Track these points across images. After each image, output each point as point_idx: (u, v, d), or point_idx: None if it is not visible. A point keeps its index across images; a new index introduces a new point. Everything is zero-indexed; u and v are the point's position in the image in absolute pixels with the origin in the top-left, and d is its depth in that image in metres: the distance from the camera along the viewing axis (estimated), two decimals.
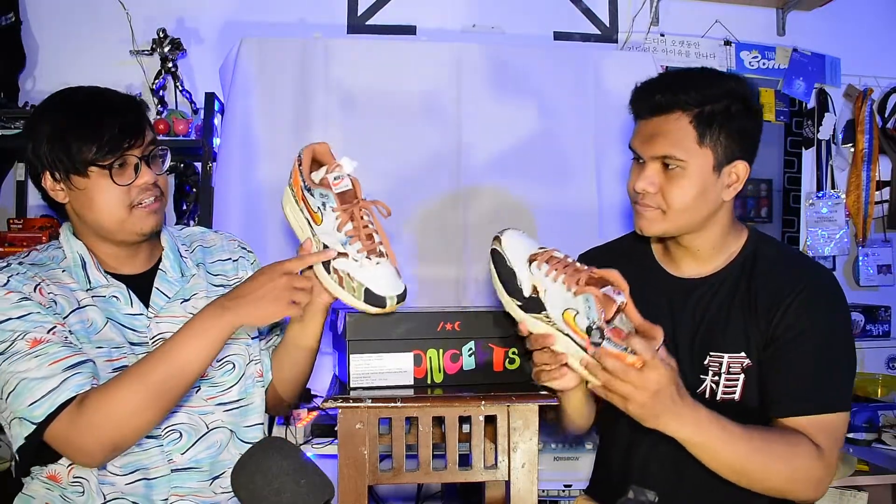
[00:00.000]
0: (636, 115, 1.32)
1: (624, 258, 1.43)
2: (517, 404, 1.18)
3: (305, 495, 1.03)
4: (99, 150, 1.21)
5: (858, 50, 2.80)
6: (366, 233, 1.20)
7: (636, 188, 1.29)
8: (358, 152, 2.28)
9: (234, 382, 1.35)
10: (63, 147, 1.22)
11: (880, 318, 2.72)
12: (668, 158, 1.25)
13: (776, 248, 1.37)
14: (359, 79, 2.34)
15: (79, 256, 1.29)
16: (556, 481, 2.10)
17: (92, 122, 1.22)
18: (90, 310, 1.25)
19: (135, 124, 1.25)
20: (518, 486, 1.19)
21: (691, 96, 1.24)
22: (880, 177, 2.78)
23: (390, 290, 1.19)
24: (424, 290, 2.33)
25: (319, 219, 1.23)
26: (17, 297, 1.19)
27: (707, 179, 1.26)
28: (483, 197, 2.37)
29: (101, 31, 2.45)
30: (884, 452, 1.96)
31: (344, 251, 1.19)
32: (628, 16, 2.66)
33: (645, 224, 1.31)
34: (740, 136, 1.26)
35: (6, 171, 2.43)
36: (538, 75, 2.41)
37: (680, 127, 1.24)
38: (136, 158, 1.25)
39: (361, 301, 1.18)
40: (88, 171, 1.22)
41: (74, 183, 1.24)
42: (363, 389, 1.20)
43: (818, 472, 1.20)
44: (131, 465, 1.24)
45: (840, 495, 2.14)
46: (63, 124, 1.23)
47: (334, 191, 1.22)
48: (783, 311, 1.26)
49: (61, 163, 1.23)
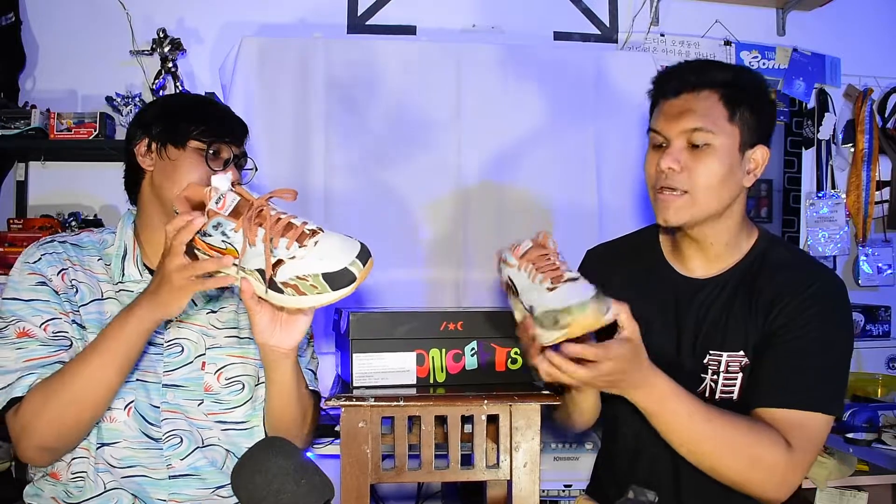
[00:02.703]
0: (661, 95, 1.32)
1: (632, 255, 1.43)
2: (519, 404, 1.19)
3: (305, 495, 1.03)
4: (205, 130, 1.30)
5: (858, 50, 2.80)
6: (282, 224, 1.03)
7: (661, 166, 1.26)
8: (358, 152, 2.32)
9: (240, 403, 1.33)
10: (172, 119, 1.31)
11: (880, 318, 2.72)
12: (698, 131, 1.24)
13: (786, 250, 1.36)
14: (359, 79, 2.34)
15: (123, 246, 1.33)
16: (557, 481, 2.10)
17: (203, 108, 1.36)
18: (111, 303, 1.29)
19: (238, 127, 1.37)
20: (520, 486, 1.19)
21: (720, 76, 1.27)
22: (880, 177, 2.78)
23: (346, 257, 1.01)
24: (425, 291, 2.33)
25: (234, 251, 1.05)
26: (35, 280, 1.25)
27: (733, 159, 1.26)
28: (483, 197, 2.37)
29: (101, 31, 2.44)
30: (884, 452, 1.96)
31: (276, 259, 1.02)
32: (628, 16, 2.66)
33: (671, 213, 1.27)
34: (764, 119, 1.29)
35: (6, 171, 2.43)
36: (538, 75, 2.41)
37: (711, 104, 1.26)
38: (230, 154, 1.34)
39: (330, 290, 1.01)
40: (187, 144, 1.30)
41: (168, 152, 1.30)
42: (366, 388, 1.20)
43: (781, 468, 1.17)
44: (129, 460, 1.26)
45: (840, 495, 2.14)
46: (177, 106, 1.38)
47: (224, 214, 1.05)
48: (781, 308, 1.25)
49: (165, 131, 1.31)
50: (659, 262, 1.40)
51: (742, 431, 1.18)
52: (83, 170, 2.41)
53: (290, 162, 2.31)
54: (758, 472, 1.17)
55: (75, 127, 2.24)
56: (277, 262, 1.01)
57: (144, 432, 1.26)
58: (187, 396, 1.30)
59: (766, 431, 1.18)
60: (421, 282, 2.35)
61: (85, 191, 2.42)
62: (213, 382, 1.31)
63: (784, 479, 1.18)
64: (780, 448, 1.17)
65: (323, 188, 2.30)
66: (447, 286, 2.35)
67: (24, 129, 2.23)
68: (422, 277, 2.35)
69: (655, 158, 1.29)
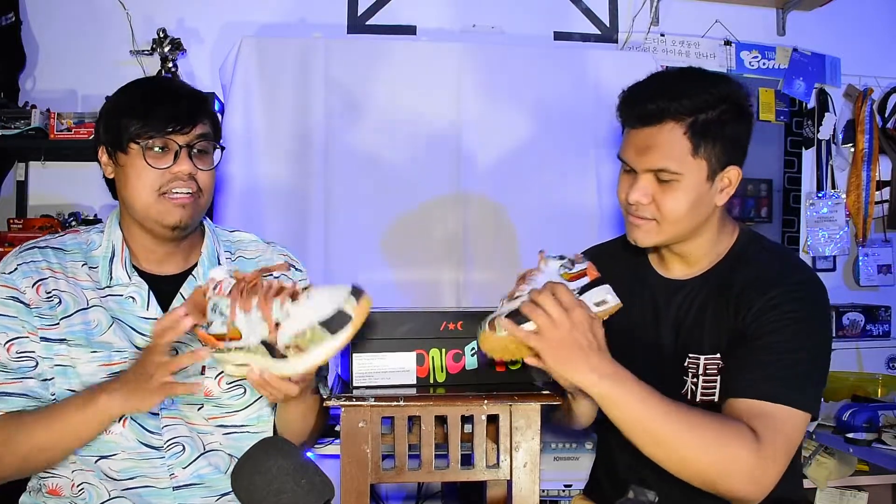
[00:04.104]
0: (624, 123, 1.28)
1: (617, 258, 1.43)
2: (519, 404, 1.18)
3: (305, 495, 1.03)
4: (142, 127, 1.20)
5: (858, 50, 2.80)
6: (275, 288, 1.04)
7: (629, 200, 1.26)
8: (358, 152, 2.32)
9: (241, 407, 1.32)
10: (114, 122, 1.23)
11: (880, 318, 2.72)
12: (662, 171, 1.22)
13: (765, 247, 1.34)
14: (359, 79, 2.34)
15: (111, 247, 1.28)
16: (557, 481, 2.10)
17: (142, 101, 1.23)
18: (96, 311, 1.25)
19: (186, 112, 1.23)
20: (520, 486, 1.19)
21: (684, 105, 1.20)
22: (880, 177, 2.78)
23: (338, 299, 1.00)
24: (425, 292, 2.33)
25: (236, 331, 1.04)
26: (6, 294, 1.21)
27: (701, 189, 1.23)
28: (483, 197, 2.37)
29: (101, 31, 2.45)
30: (884, 452, 1.95)
31: (273, 322, 1.01)
32: (628, 16, 2.66)
33: (640, 236, 1.28)
34: (733, 143, 1.24)
35: (6, 171, 2.43)
36: (538, 75, 2.41)
37: (673, 139, 1.21)
38: (177, 145, 1.22)
39: (330, 336, 1.00)
40: (129, 148, 1.22)
41: (118, 159, 1.24)
42: (366, 388, 1.20)
43: (750, 462, 1.10)
44: (130, 472, 1.24)
45: (840, 495, 2.14)
46: (119, 102, 1.26)
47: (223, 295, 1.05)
48: (749, 306, 1.22)
49: (110, 136, 1.24)
50: (643, 264, 1.40)
51: (705, 421, 1.13)
52: (83, 170, 2.41)
53: (290, 162, 2.31)
54: (728, 470, 1.11)
55: (75, 127, 2.24)
56: (276, 325, 1.01)
57: (143, 441, 1.24)
58: (187, 401, 1.28)
59: (732, 422, 1.14)
60: (421, 282, 2.35)
61: (85, 191, 2.42)
62: (213, 387, 1.29)
63: (753, 475, 1.11)
64: (746, 438, 1.11)
65: (323, 188, 2.30)
66: (447, 286, 2.35)
67: (24, 129, 2.23)
68: (422, 277, 2.35)
69: (626, 184, 1.27)
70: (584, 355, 1.10)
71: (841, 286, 2.83)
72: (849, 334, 2.67)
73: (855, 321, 2.68)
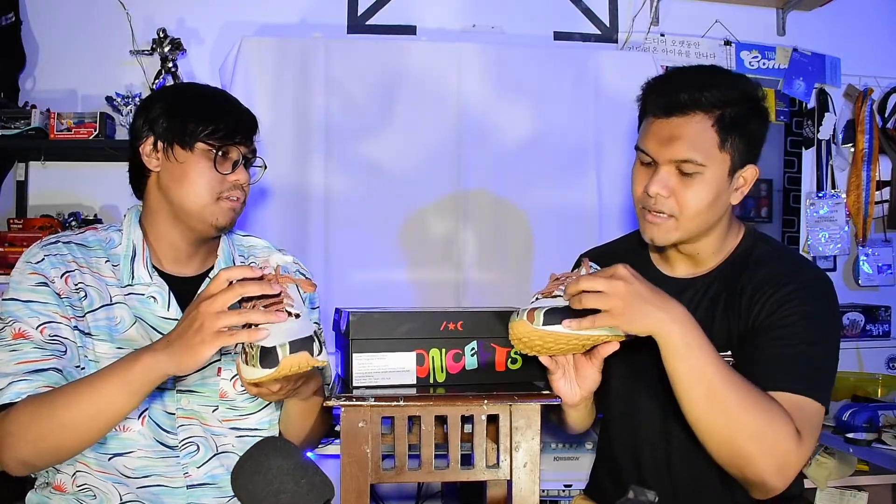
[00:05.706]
0: (649, 112, 1.26)
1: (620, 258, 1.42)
2: (519, 404, 1.18)
3: (305, 495, 1.03)
4: (214, 131, 1.25)
5: (858, 50, 2.80)
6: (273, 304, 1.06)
7: (650, 191, 1.23)
8: (358, 152, 2.32)
9: (255, 410, 1.33)
10: (179, 118, 1.26)
11: (880, 318, 2.72)
12: (687, 163, 1.20)
13: (771, 246, 1.34)
14: (359, 79, 2.35)
15: (132, 246, 1.29)
16: (557, 481, 2.10)
17: (214, 106, 1.29)
18: (120, 307, 1.26)
19: (249, 126, 1.32)
20: (520, 486, 1.19)
21: (715, 96, 1.19)
22: (880, 177, 2.78)
23: (282, 339, 1.02)
24: (425, 292, 2.33)
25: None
26: (36, 281, 1.21)
27: (721, 185, 1.22)
28: (483, 197, 2.37)
29: (101, 31, 2.45)
30: (884, 452, 1.95)
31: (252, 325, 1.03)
32: (628, 16, 2.66)
33: (657, 233, 1.26)
34: (754, 140, 1.24)
35: (6, 171, 2.43)
36: (538, 75, 2.41)
37: (702, 129, 1.19)
38: (239, 154, 1.29)
39: (259, 367, 1.02)
40: (195, 146, 1.25)
41: (175, 154, 1.26)
42: (366, 388, 1.20)
43: (790, 452, 1.09)
44: (145, 470, 1.24)
45: (840, 495, 2.14)
46: (185, 101, 1.29)
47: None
48: (765, 301, 1.22)
49: (171, 131, 1.25)
50: (646, 264, 1.39)
51: (762, 397, 1.11)
52: (83, 170, 2.42)
53: (290, 162, 2.31)
54: (768, 446, 1.09)
55: (75, 127, 2.25)
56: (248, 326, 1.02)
57: (159, 440, 1.24)
58: (202, 402, 1.28)
59: (781, 407, 1.11)
60: (421, 282, 2.35)
61: (85, 191, 2.42)
62: (228, 389, 1.30)
63: (787, 463, 1.10)
64: (792, 427, 1.10)
65: (323, 188, 2.30)
66: (447, 286, 2.35)
67: (24, 129, 2.23)
68: (422, 277, 2.35)
69: (643, 178, 1.25)
70: (649, 303, 1.08)
71: (841, 286, 2.84)
72: (849, 334, 2.67)
73: (855, 321, 2.68)
